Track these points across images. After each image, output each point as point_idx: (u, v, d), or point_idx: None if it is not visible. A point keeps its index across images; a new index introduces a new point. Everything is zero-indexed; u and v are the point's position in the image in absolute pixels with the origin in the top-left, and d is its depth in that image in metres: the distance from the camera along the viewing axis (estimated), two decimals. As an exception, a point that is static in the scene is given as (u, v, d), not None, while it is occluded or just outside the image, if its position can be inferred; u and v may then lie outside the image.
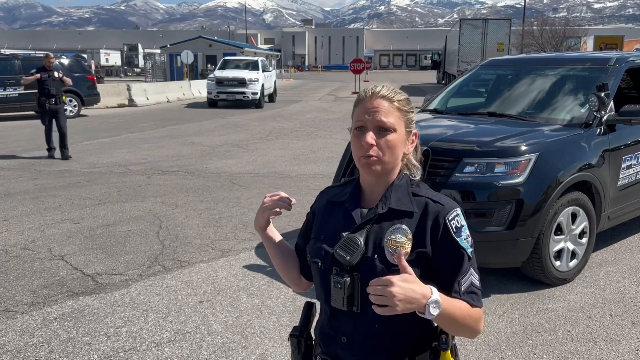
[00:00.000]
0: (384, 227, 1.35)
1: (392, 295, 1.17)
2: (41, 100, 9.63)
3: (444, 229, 1.33)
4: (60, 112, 9.80)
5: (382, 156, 1.35)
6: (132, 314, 3.81)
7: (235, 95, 20.37)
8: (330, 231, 1.43)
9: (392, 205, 1.36)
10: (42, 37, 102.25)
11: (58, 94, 9.72)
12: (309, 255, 1.46)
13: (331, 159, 10.10)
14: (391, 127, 1.35)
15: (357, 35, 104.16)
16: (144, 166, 9.14)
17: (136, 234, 5.55)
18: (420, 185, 1.43)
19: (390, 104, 1.37)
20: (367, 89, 1.42)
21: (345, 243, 1.33)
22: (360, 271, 1.33)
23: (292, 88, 36.78)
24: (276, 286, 4.31)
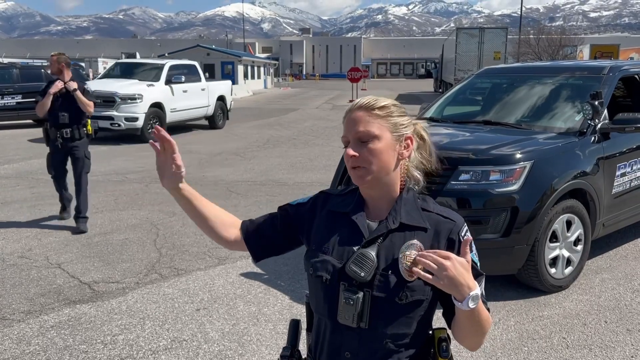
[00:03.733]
0: (395, 242, 1.35)
1: (444, 268, 1.20)
2: (50, 131, 5.89)
3: (459, 246, 1.33)
4: (80, 152, 5.88)
5: (369, 166, 1.35)
6: (129, 321, 3.82)
7: (98, 121, 11.71)
8: (335, 244, 1.40)
9: (404, 221, 1.36)
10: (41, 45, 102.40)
11: (78, 121, 5.85)
12: (311, 268, 1.42)
13: (329, 166, 10.13)
14: (370, 135, 1.35)
15: (355, 44, 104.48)
16: (142, 174, 9.15)
17: (133, 242, 5.56)
18: (427, 200, 1.43)
19: (368, 112, 1.37)
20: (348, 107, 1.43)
21: (359, 258, 1.32)
22: (372, 287, 1.32)
23: (289, 96, 36.87)
24: (273, 294, 4.32)
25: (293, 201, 1.58)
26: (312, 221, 1.49)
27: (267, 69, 52.37)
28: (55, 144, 5.87)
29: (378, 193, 1.41)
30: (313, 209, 1.51)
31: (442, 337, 1.43)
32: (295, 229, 1.52)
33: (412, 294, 1.32)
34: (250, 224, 1.56)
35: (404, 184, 1.43)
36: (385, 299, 1.32)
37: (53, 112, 5.78)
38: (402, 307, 1.33)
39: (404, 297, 1.32)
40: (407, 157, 1.42)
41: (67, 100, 5.76)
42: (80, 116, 5.86)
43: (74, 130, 5.84)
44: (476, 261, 1.35)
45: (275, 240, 1.54)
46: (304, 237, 1.51)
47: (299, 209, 1.53)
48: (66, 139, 5.83)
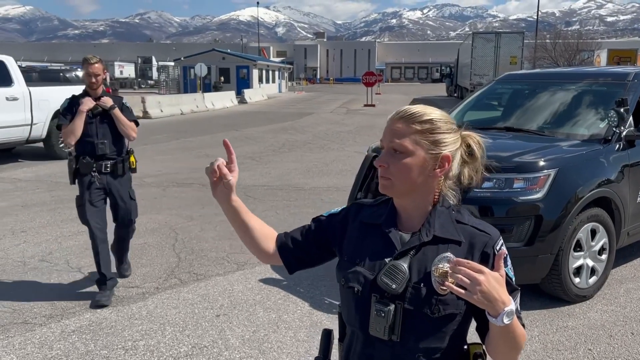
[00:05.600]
0: (427, 254, 1.32)
1: (477, 283, 1.16)
2: (82, 163, 4.23)
3: (494, 260, 1.30)
4: (123, 192, 4.37)
5: (394, 179, 1.33)
6: (150, 327, 3.82)
7: None
8: (367, 256, 1.38)
9: (437, 233, 1.34)
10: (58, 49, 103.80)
11: (120, 150, 4.37)
12: (342, 279, 1.40)
13: (344, 171, 10.11)
14: (403, 150, 1.31)
15: (369, 48, 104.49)
16: (159, 178, 9.20)
17: (152, 247, 5.57)
18: (462, 212, 1.40)
19: (407, 125, 1.32)
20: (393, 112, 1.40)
21: (390, 270, 1.30)
22: (404, 299, 1.30)
23: (304, 100, 36.92)
24: (292, 300, 4.30)
25: (326, 212, 1.57)
26: (344, 232, 1.48)
27: (281, 73, 52.57)
28: (91, 181, 4.18)
29: (411, 204, 1.38)
30: (345, 220, 1.49)
31: (478, 352, 1.40)
32: (328, 240, 1.50)
33: (444, 307, 1.30)
34: (285, 236, 1.55)
35: (438, 197, 1.39)
36: (417, 312, 1.30)
37: (85, 139, 4.18)
38: (434, 320, 1.31)
39: (437, 310, 1.30)
40: (441, 176, 1.37)
41: (103, 121, 4.23)
42: (122, 143, 4.35)
43: (116, 164, 4.26)
44: (511, 276, 1.32)
45: (309, 252, 1.52)
46: (336, 248, 1.50)
47: (332, 219, 1.52)
48: (105, 174, 4.24)
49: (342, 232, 1.48)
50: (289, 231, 1.57)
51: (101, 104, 4.21)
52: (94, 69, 4.16)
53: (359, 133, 16.79)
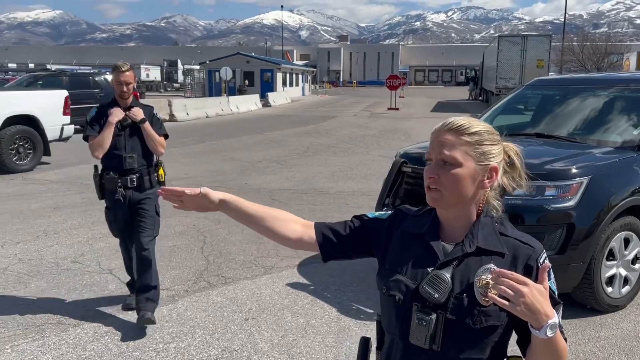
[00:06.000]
0: (470, 265, 1.33)
1: (521, 295, 1.17)
2: (107, 178, 4.01)
3: (537, 273, 1.30)
4: (149, 207, 4.08)
5: (444, 190, 1.34)
6: (180, 330, 3.87)
7: None
8: (409, 265, 1.40)
9: (480, 245, 1.34)
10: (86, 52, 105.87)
11: (148, 163, 4.10)
12: (384, 287, 1.42)
13: (369, 176, 10.10)
14: (453, 162, 1.32)
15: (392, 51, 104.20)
16: (186, 181, 9.31)
17: (181, 249, 5.65)
18: (505, 224, 1.40)
19: (456, 136, 1.34)
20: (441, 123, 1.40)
21: (433, 280, 1.32)
22: (446, 309, 1.31)
23: (327, 104, 36.98)
24: (320, 305, 4.31)
25: (370, 213, 1.59)
26: (388, 240, 1.49)
27: (305, 76, 52.75)
28: (116, 197, 3.98)
29: (454, 215, 1.39)
30: (390, 228, 1.51)
31: None
32: (369, 241, 1.52)
33: (486, 319, 1.30)
34: (324, 226, 1.58)
35: (482, 208, 1.41)
36: (459, 323, 1.31)
37: (112, 152, 3.94)
38: (476, 331, 1.31)
39: (478, 321, 1.30)
40: (489, 187, 1.39)
41: (132, 134, 3.96)
42: (151, 156, 4.07)
43: (142, 177, 4.01)
44: (554, 289, 1.32)
45: (348, 245, 1.55)
46: (378, 253, 1.51)
47: (377, 224, 1.53)
48: (131, 189, 3.99)
49: (387, 240, 1.49)
50: (327, 222, 1.60)
51: (131, 115, 3.92)
52: (125, 77, 3.86)
53: (383, 137, 16.76)
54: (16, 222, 6.63)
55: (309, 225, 1.58)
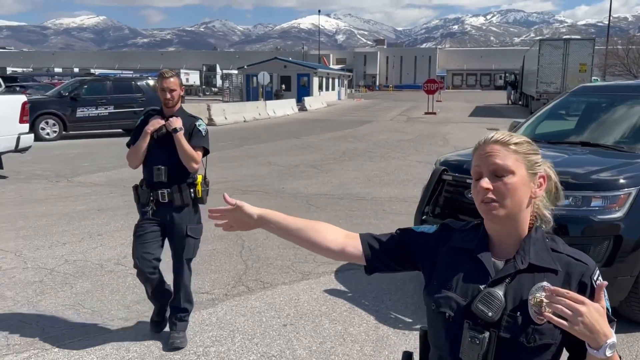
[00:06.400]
0: (523, 283, 1.32)
1: (580, 314, 1.16)
2: (141, 191, 3.79)
3: (592, 291, 1.28)
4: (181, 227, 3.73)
5: (502, 201, 1.32)
6: (220, 334, 3.92)
7: None
8: (459, 281, 1.39)
9: (533, 261, 1.33)
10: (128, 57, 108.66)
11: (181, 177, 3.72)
12: (433, 304, 1.41)
13: (406, 181, 10.03)
14: (507, 170, 1.32)
15: (430, 55, 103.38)
16: (225, 185, 9.44)
17: (220, 253, 5.73)
18: (556, 240, 1.39)
19: (505, 147, 1.34)
20: (481, 138, 1.40)
21: (486, 298, 1.30)
22: (499, 327, 1.30)
23: (363, 108, 36.92)
24: (357, 313, 4.30)
25: (416, 227, 1.59)
26: (435, 256, 1.48)
27: (341, 80, 52.80)
28: (146, 211, 3.70)
29: (506, 230, 1.38)
30: (437, 244, 1.50)
31: None
32: (416, 255, 1.52)
33: (540, 337, 1.29)
34: (370, 237, 1.57)
35: (532, 223, 1.39)
36: (512, 341, 1.30)
37: (147, 164, 3.71)
38: (529, 350, 1.30)
39: (532, 340, 1.29)
40: (540, 195, 1.39)
41: (166, 145, 3.64)
42: (183, 170, 3.67)
43: (173, 193, 3.66)
44: (608, 307, 1.29)
45: (394, 259, 1.54)
46: (424, 269, 1.50)
47: (423, 238, 1.52)
48: (162, 205, 3.68)
49: (434, 255, 1.48)
50: (373, 234, 1.60)
51: (167, 124, 3.64)
52: (169, 83, 3.64)
53: (420, 142, 16.62)
54: (62, 224, 6.84)
55: (353, 237, 1.58)
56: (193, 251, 3.83)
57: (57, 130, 16.34)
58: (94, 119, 16.79)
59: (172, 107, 3.71)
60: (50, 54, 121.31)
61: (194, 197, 3.75)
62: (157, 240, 3.70)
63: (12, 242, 6.05)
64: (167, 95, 3.67)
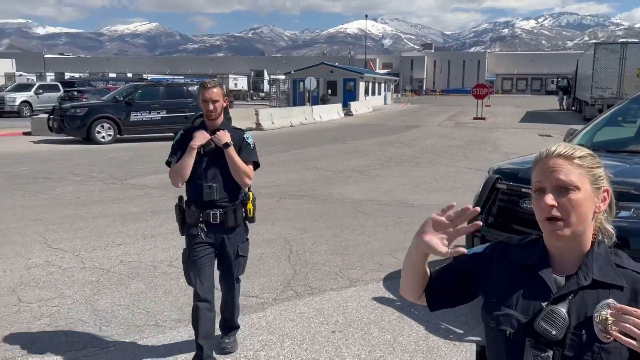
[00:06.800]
0: (587, 299, 1.27)
1: None
2: (188, 211, 3.52)
3: None
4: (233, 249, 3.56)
5: (567, 218, 1.28)
6: (269, 338, 3.96)
7: None
8: (519, 298, 1.35)
9: (596, 277, 1.29)
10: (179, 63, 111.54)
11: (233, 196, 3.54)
12: (492, 321, 1.38)
13: (455, 188, 9.87)
14: (572, 186, 1.28)
15: (479, 59, 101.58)
16: (273, 189, 9.54)
17: (269, 257, 5.78)
18: (620, 255, 1.34)
19: (568, 161, 1.30)
20: (542, 150, 1.37)
21: (550, 316, 1.27)
22: (563, 346, 1.26)
23: (409, 113, 36.61)
24: (407, 322, 4.26)
25: (468, 251, 1.55)
26: (490, 272, 1.45)
27: (387, 85, 52.55)
28: (195, 234, 3.46)
29: (568, 246, 1.33)
30: (490, 260, 1.46)
31: None
32: (469, 280, 1.49)
33: (606, 356, 1.24)
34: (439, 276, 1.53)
35: (595, 237, 1.35)
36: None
37: (193, 181, 3.45)
38: None
39: (598, 358, 1.24)
40: (604, 210, 1.35)
41: (216, 160, 3.43)
42: (237, 187, 3.50)
43: (227, 213, 3.46)
44: None
45: (454, 292, 1.51)
46: (480, 288, 1.47)
47: (475, 259, 1.49)
48: (213, 226, 3.46)
49: (488, 272, 1.45)
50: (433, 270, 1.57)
51: (215, 139, 3.40)
52: (212, 93, 3.39)
53: (469, 148, 16.34)
54: (117, 225, 7.07)
55: None
56: (243, 268, 3.71)
57: (112, 133, 16.92)
58: (147, 123, 17.29)
59: (215, 119, 3.47)
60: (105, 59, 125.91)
61: (245, 216, 3.58)
62: (211, 265, 3.52)
63: (71, 242, 6.29)
64: (209, 106, 3.42)
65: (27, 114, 26.62)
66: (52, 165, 12.21)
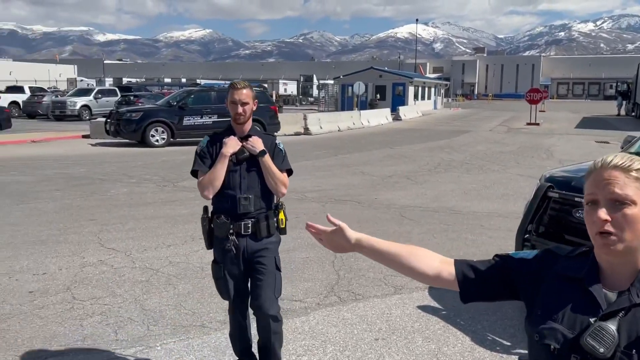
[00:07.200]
0: (639, 317, 1.21)
1: None
2: (217, 223, 3.19)
3: None
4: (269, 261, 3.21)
5: (621, 234, 1.22)
6: (312, 343, 3.95)
7: None
8: (566, 312, 1.30)
9: None
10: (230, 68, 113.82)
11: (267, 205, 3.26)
12: (536, 335, 1.33)
13: (506, 196, 9.62)
14: (628, 200, 1.22)
15: (533, 63, 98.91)
16: (319, 194, 9.56)
17: (313, 262, 5.79)
18: None
19: (625, 174, 1.24)
20: (597, 160, 1.30)
21: (597, 333, 1.21)
22: None
23: (460, 117, 35.98)
24: (452, 332, 4.17)
25: (514, 253, 1.51)
26: (537, 283, 1.40)
27: (437, 89, 51.89)
28: (227, 247, 3.16)
29: (620, 260, 1.27)
30: (539, 270, 1.41)
31: None
32: (514, 283, 1.44)
33: None
34: (465, 264, 1.51)
35: None
36: None
37: (224, 192, 3.15)
38: None
39: None
40: None
41: (250, 169, 3.17)
42: (270, 197, 3.27)
43: (259, 223, 3.18)
44: None
45: (491, 287, 1.47)
46: (525, 297, 1.42)
47: (522, 265, 1.44)
48: (245, 237, 3.17)
49: (535, 281, 1.40)
50: (467, 260, 1.54)
51: (249, 147, 3.13)
52: (241, 95, 3.12)
53: (521, 154, 15.89)
54: (167, 227, 7.25)
55: (448, 262, 1.53)
56: (280, 287, 3.27)
57: (166, 137, 17.40)
58: (199, 127, 17.69)
59: (244, 123, 3.17)
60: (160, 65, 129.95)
61: (277, 226, 3.27)
62: (246, 280, 3.25)
63: (123, 242, 6.50)
64: (238, 109, 3.12)
65: (86, 117, 27.80)
66: (107, 168, 12.67)
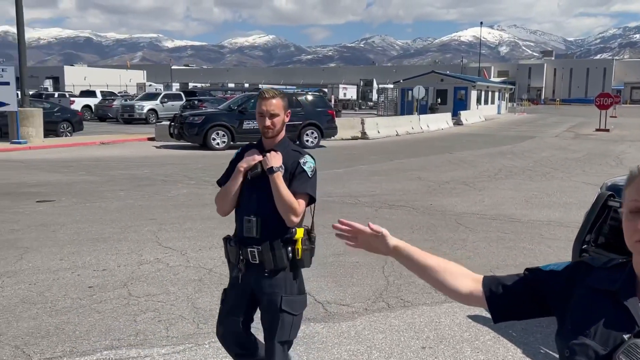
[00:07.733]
0: None
1: None
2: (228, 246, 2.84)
3: None
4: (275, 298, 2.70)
5: None
6: (357, 348, 3.93)
7: None
8: (598, 327, 1.23)
9: None
10: (292, 73, 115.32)
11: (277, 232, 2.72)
12: (567, 350, 1.27)
13: (569, 204, 9.22)
14: None
15: (605, 67, 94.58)
16: (373, 198, 9.50)
17: (363, 267, 5.76)
18: None
19: None
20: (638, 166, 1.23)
21: (631, 350, 1.15)
22: None
23: (525, 122, 34.83)
24: (503, 344, 4.03)
25: (544, 266, 1.44)
26: (568, 296, 1.33)
27: (501, 93, 50.53)
28: (234, 274, 2.85)
29: None
30: (571, 282, 1.34)
31: None
32: (545, 297, 1.37)
33: None
34: (494, 281, 1.46)
35: None
36: None
37: (237, 211, 2.84)
38: None
39: None
40: None
41: (260, 188, 2.74)
42: (280, 222, 2.71)
43: (265, 252, 2.70)
44: None
45: (522, 304, 1.41)
46: (555, 311, 1.36)
47: (552, 277, 1.38)
48: (253, 266, 2.75)
49: (566, 295, 1.33)
50: (497, 276, 1.48)
51: (264, 161, 2.72)
52: (269, 105, 2.73)
53: (588, 161, 15.20)
54: (223, 227, 7.37)
55: (478, 280, 1.48)
56: (290, 331, 2.75)
57: (226, 140, 17.82)
58: (257, 131, 17.61)
59: (273, 137, 2.79)
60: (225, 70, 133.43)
61: (292, 258, 2.74)
62: (244, 314, 2.83)
63: (180, 241, 6.70)
64: (266, 121, 2.73)
65: (153, 120, 28.93)
66: (170, 169, 13.13)
